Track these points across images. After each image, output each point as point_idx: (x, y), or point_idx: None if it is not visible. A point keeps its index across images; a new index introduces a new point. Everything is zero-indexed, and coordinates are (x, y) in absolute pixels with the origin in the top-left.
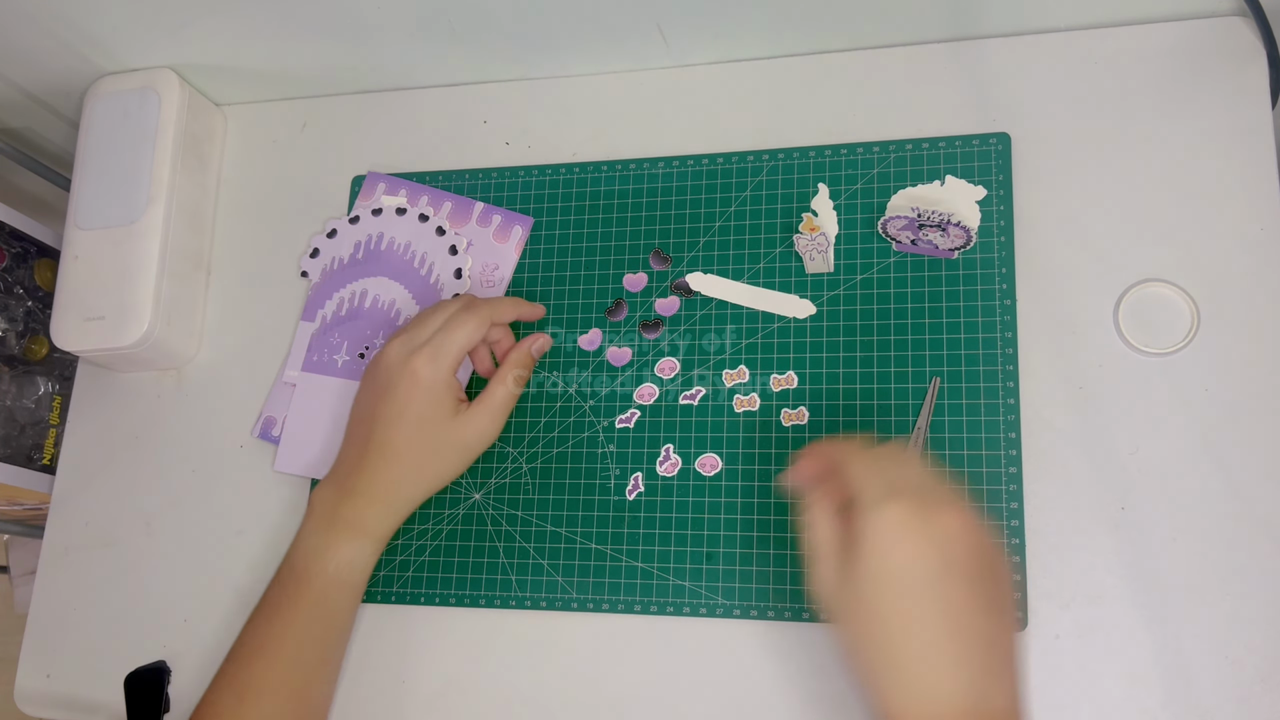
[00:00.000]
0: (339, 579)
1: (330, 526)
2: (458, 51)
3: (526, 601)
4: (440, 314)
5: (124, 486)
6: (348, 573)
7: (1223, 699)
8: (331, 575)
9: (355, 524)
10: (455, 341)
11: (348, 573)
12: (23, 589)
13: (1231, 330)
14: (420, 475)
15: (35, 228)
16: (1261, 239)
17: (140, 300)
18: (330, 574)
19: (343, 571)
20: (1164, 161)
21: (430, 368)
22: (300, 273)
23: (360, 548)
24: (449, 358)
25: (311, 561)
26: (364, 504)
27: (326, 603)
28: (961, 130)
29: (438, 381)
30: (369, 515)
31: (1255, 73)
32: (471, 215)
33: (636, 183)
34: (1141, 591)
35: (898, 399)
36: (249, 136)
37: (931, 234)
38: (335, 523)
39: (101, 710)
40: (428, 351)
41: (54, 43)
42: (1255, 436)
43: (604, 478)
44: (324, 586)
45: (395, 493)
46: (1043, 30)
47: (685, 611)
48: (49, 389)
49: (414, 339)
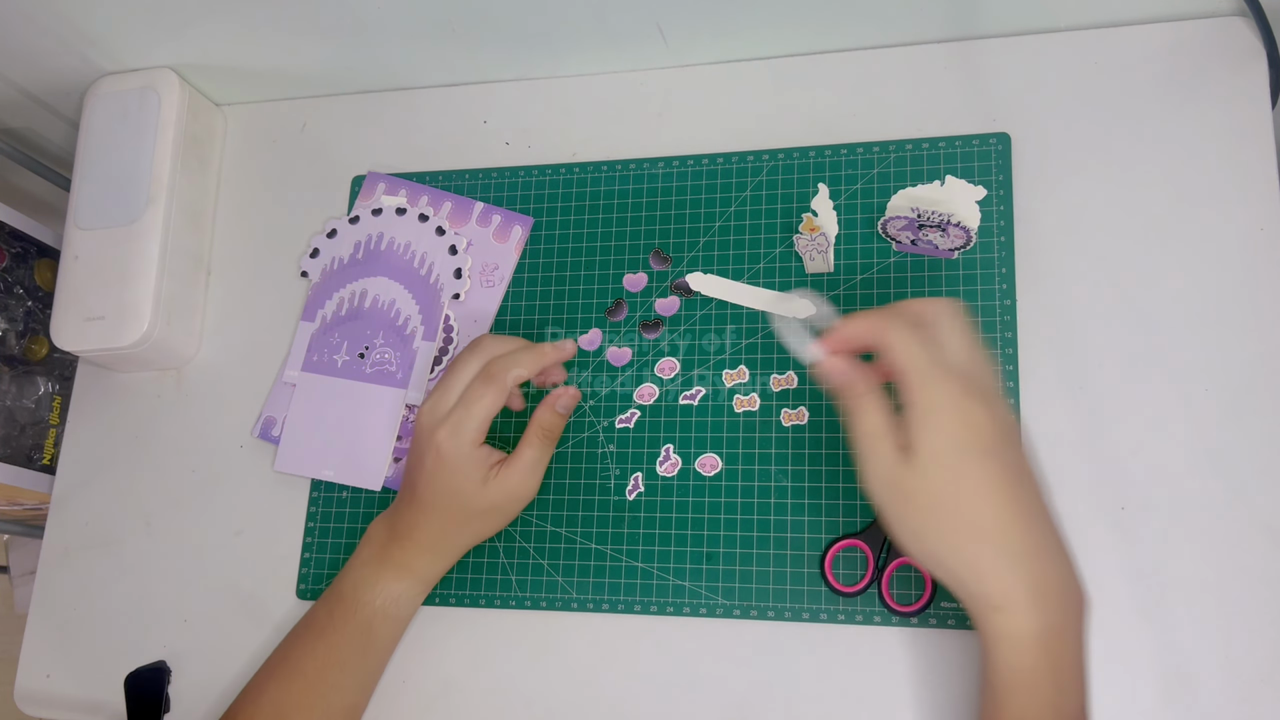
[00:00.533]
0: (385, 612)
1: (381, 562)
2: (458, 51)
3: (526, 601)
4: (462, 373)
5: (124, 486)
6: (394, 607)
7: (1223, 699)
8: (379, 608)
9: (404, 565)
10: (474, 416)
11: (394, 607)
12: (23, 589)
13: (1231, 330)
14: (463, 531)
15: (35, 228)
16: (1261, 239)
17: (140, 300)
18: (377, 607)
19: (389, 606)
20: (1164, 161)
21: (452, 443)
22: (300, 273)
23: (408, 587)
24: (469, 433)
25: (361, 592)
26: (412, 549)
27: (371, 633)
28: (961, 130)
29: (460, 455)
30: (417, 560)
31: (1255, 73)
32: (471, 215)
33: (636, 183)
34: (1141, 591)
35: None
36: (249, 136)
37: (931, 234)
38: (386, 561)
39: (101, 710)
40: (448, 426)
41: (54, 43)
42: (1255, 436)
43: (604, 478)
44: (370, 617)
45: (441, 543)
46: (1043, 30)
47: (685, 611)
48: (49, 389)
49: (439, 405)
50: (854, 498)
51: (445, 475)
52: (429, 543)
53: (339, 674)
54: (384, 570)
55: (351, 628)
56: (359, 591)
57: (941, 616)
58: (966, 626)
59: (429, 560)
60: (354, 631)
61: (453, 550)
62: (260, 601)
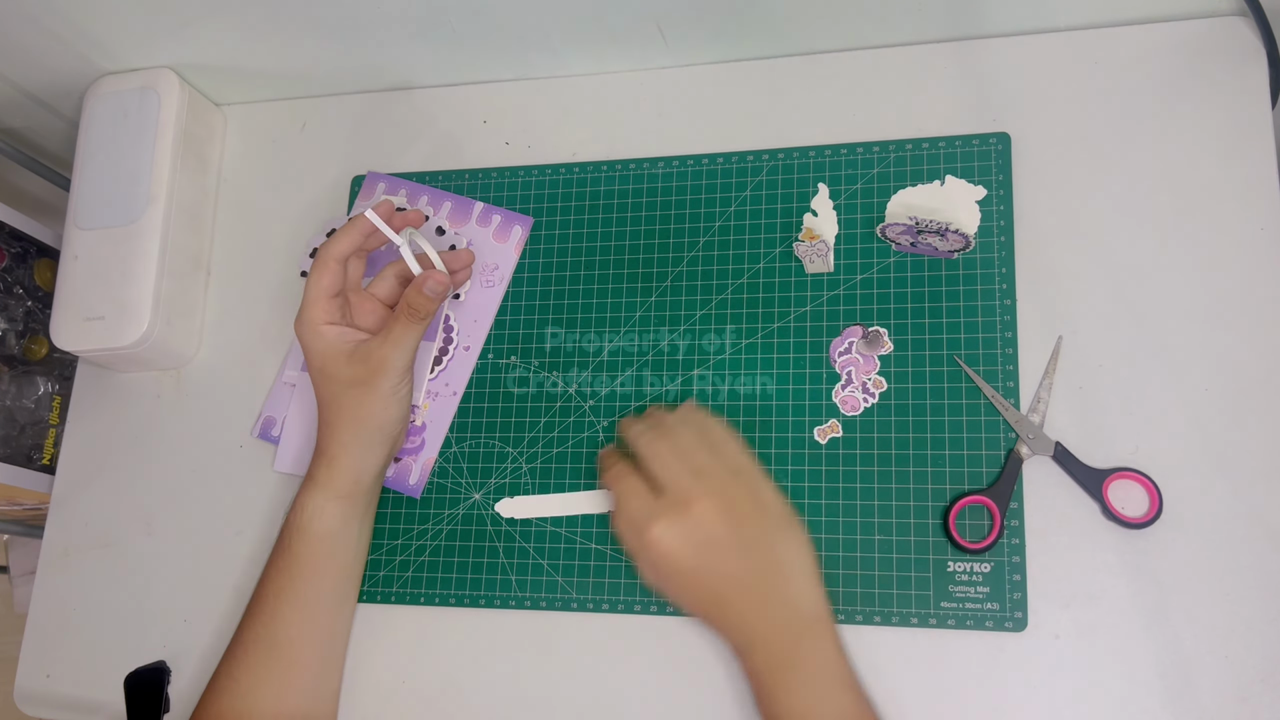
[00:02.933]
0: (300, 528)
1: (315, 486)
2: (458, 51)
3: (526, 601)
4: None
5: (124, 486)
6: (309, 521)
7: (1223, 699)
8: (295, 525)
9: (312, 478)
10: (308, 297)
11: (309, 521)
12: (23, 589)
13: (1232, 330)
14: (341, 415)
15: (35, 228)
16: (1261, 239)
17: (140, 300)
18: (295, 523)
19: (304, 520)
20: (1164, 161)
21: (302, 328)
22: (300, 273)
23: (320, 499)
24: (309, 312)
25: (311, 521)
26: (317, 461)
27: (291, 552)
28: (961, 130)
29: (310, 335)
30: (321, 470)
31: (1255, 73)
32: (471, 215)
33: (636, 183)
34: (1141, 591)
35: (898, 399)
36: (249, 136)
37: (930, 238)
38: (307, 482)
39: (101, 710)
40: (297, 319)
41: (54, 43)
42: (1255, 437)
43: None
44: (290, 536)
45: (331, 440)
46: (1043, 30)
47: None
48: (49, 389)
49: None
50: (853, 498)
51: (314, 360)
52: (324, 445)
53: (275, 603)
54: (302, 491)
55: (277, 554)
56: (307, 519)
57: (941, 616)
58: (966, 627)
59: (327, 465)
60: (279, 556)
61: (346, 445)
62: None
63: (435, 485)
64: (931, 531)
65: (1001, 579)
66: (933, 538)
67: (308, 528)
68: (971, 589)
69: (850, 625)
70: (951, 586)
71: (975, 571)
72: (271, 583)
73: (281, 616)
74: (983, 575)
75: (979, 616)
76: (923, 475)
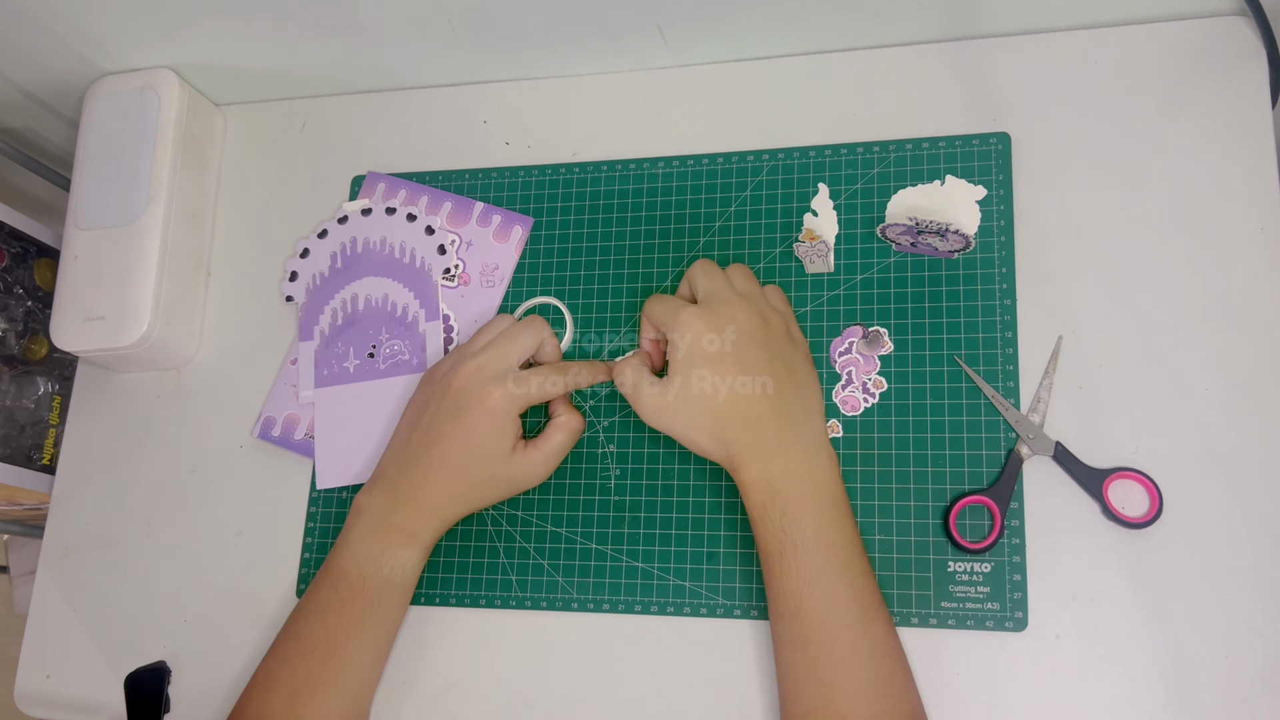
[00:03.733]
0: (393, 581)
1: (383, 532)
2: (458, 51)
3: (526, 601)
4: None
5: (124, 486)
6: (400, 575)
7: (1223, 699)
8: (386, 578)
9: (408, 531)
10: (531, 386)
11: (400, 575)
12: (23, 589)
13: (1232, 330)
14: (469, 497)
15: (35, 228)
16: (1261, 239)
17: (140, 300)
18: (385, 576)
19: (396, 574)
20: (1164, 161)
21: (506, 403)
22: (285, 298)
23: (413, 553)
24: (521, 400)
25: (366, 565)
26: (418, 513)
27: (380, 604)
28: (961, 130)
29: (507, 418)
30: (422, 525)
31: (1255, 73)
32: (471, 215)
33: (636, 183)
34: (1141, 591)
35: (898, 399)
36: (249, 136)
37: (930, 239)
38: (388, 528)
39: (101, 710)
40: (508, 384)
41: (54, 43)
42: (1255, 436)
43: (604, 478)
44: (379, 589)
45: (446, 508)
46: (1043, 30)
47: (685, 611)
48: (49, 389)
49: (489, 364)
50: (854, 498)
51: (484, 433)
52: (437, 505)
53: (350, 648)
54: (388, 539)
55: (360, 602)
56: (363, 565)
57: (941, 616)
58: (966, 627)
59: (434, 525)
60: (363, 605)
61: (456, 515)
62: (260, 602)
63: None
64: (931, 531)
65: (1002, 579)
66: (933, 538)
67: (399, 581)
68: (972, 589)
69: None
70: (952, 586)
71: (975, 571)
72: (347, 627)
73: (355, 661)
74: (983, 575)
75: (979, 616)
76: (923, 475)
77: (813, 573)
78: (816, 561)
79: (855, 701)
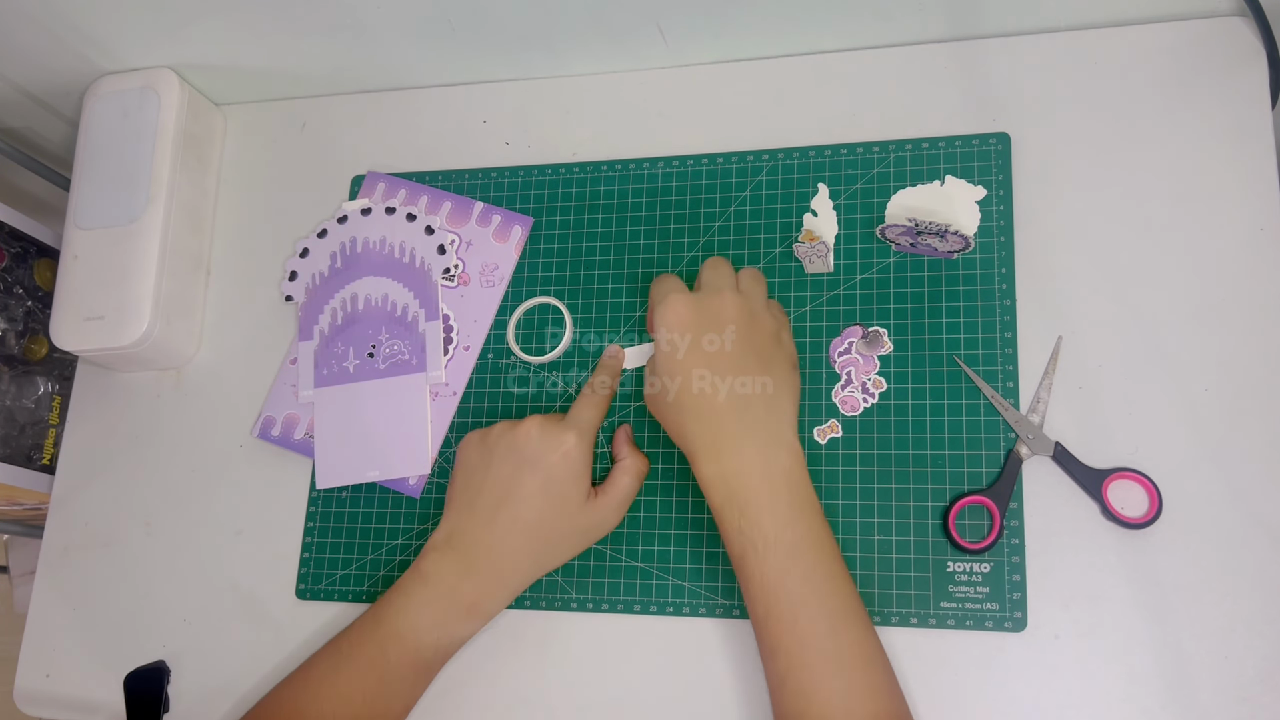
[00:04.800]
0: (446, 653)
1: (450, 604)
2: (458, 51)
3: (527, 602)
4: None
5: (124, 486)
6: (455, 647)
7: (1223, 699)
8: (441, 648)
9: (476, 606)
10: (592, 421)
11: (455, 647)
12: (23, 589)
13: (1232, 330)
14: (545, 559)
15: (35, 228)
16: (1261, 239)
17: (140, 300)
18: (440, 648)
19: (452, 647)
20: (1164, 161)
21: (581, 447)
22: (285, 297)
23: (475, 627)
24: (591, 437)
25: (424, 635)
26: (488, 585)
27: (429, 670)
28: (961, 130)
29: (584, 464)
30: (492, 599)
31: (1255, 73)
32: (471, 215)
33: (636, 183)
34: (1141, 591)
35: (898, 399)
36: (249, 136)
37: (930, 239)
38: (456, 602)
39: (101, 710)
40: (578, 430)
41: (54, 43)
42: (1255, 436)
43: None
44: (431, 660)
45: (522, 576)
46: (1043, 30)
47: (685, 611)
48: (49, 389)
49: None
50: (853, 498)
51: (562, 482)
52: (512, 575)
53: (388, 703)
54: (452, 613)
55: (408, 666)
56: (420, 635)
57: (941, 616)
58: (966, 627)
59: (504, 597)
60: (411, 669)
61: (527, 583)
62: (260, 601)
63: (435, 485)
64: (931, 531)
65: (1001, 579)
66: (933, 538)
67: (451, 652)
68: (971, 589)
69: None
70: (951, 586)
71: (975, 571)
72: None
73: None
74: (983, 575)
75: (979, 616)
76: (922, 475)
77: (776, 577)
78: (779, 565)
79: (829, 711)
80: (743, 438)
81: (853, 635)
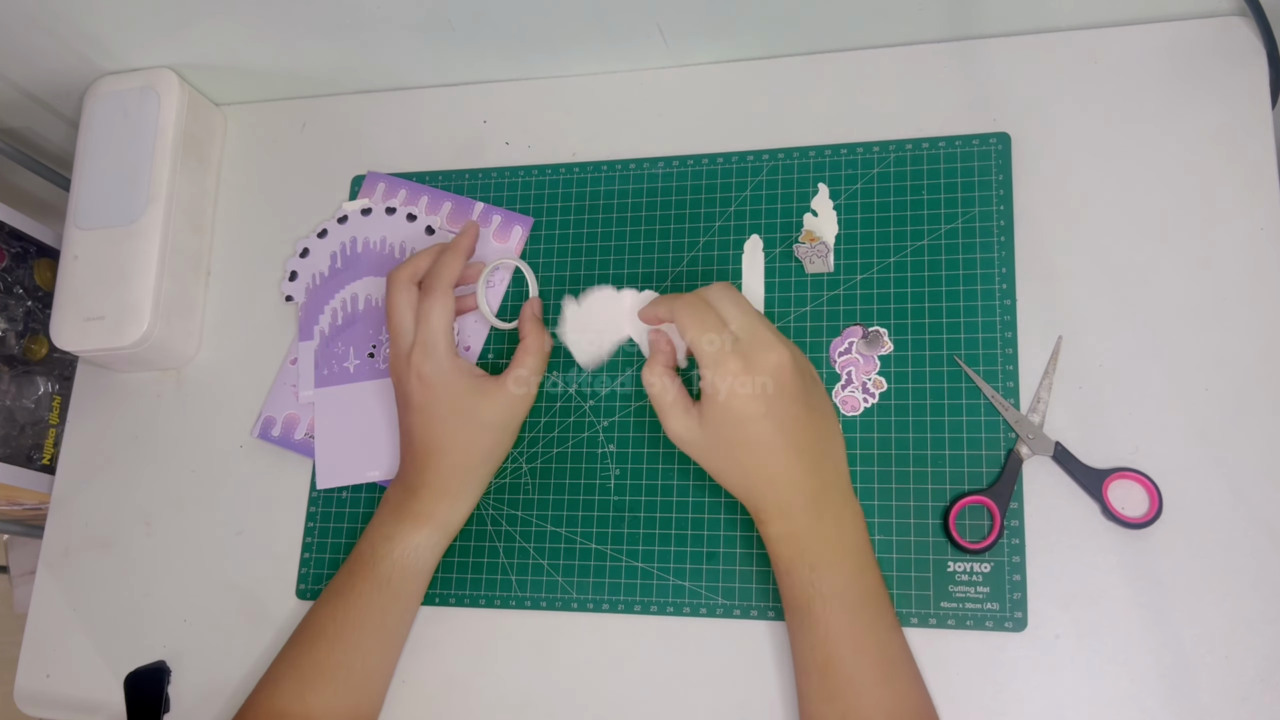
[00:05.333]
0: (402, 564)
1: (399, 519)
2: (458, 51)
3: (526, 601)
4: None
5: (124, 486)
6: (412, 558)
7: (1223, 699)
8: (397, 559)
9: (424, 515)
10: (435, 330)
11: (412, 558)
12: (23, 589)
13: (1232, 330)
14: (475, 460)
15: (35, 228)
16: (1261, 239)
17: (140, 300)
18: (396, 558)
19: (407, 557)
20: (1164, 161)
21: (430, 363)
22: (285, 297)
23: (428, 535)
24: (440, 347)
25: (379, 546)
26: (430, 497)
27: (390, 587)
28: (961, 130)
29: (442, 371)
30: (436, 506)
31: (1255, 73)
32: (471, 215)
33: (636, 183)
34: (1141, 591)
35: (898, 399)
36: (249, 136)
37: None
38: (404, 515)
39: (101, 710)
40: (418, 350)
41: (54, 43)
42: (1255, 436)
43: (604, 478)
44: (389, 571)
45: (458, 482)
46: (1043, 30)
47: (685, 611)
48: (49, 389)
49: (400, 344)
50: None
51: (437, 401)
52: (444, 485)
53: (359, 634)
54: (401, 523)
55: (369, 585)
56: (376, 546)
57: (941, 616)
58: (966, 627)
59: (448, 504)
60: (372, 588)
61: (471, 486)
62: (260, 601)
63: None
64: (931, 531)
65: (1001, 579)
66: (933, 538)
67: (411, 565)
68: (971, 589)
69: None
70: (951, 586)
71: (975, 571)
72: (356, 610)
73: (364, 648)
74: (983, 575)
75: (979, 616)
76: (923, 475)
77: (842, 627)
78: (845, 616)
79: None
80: (817, 499)
81: (906, 685)
